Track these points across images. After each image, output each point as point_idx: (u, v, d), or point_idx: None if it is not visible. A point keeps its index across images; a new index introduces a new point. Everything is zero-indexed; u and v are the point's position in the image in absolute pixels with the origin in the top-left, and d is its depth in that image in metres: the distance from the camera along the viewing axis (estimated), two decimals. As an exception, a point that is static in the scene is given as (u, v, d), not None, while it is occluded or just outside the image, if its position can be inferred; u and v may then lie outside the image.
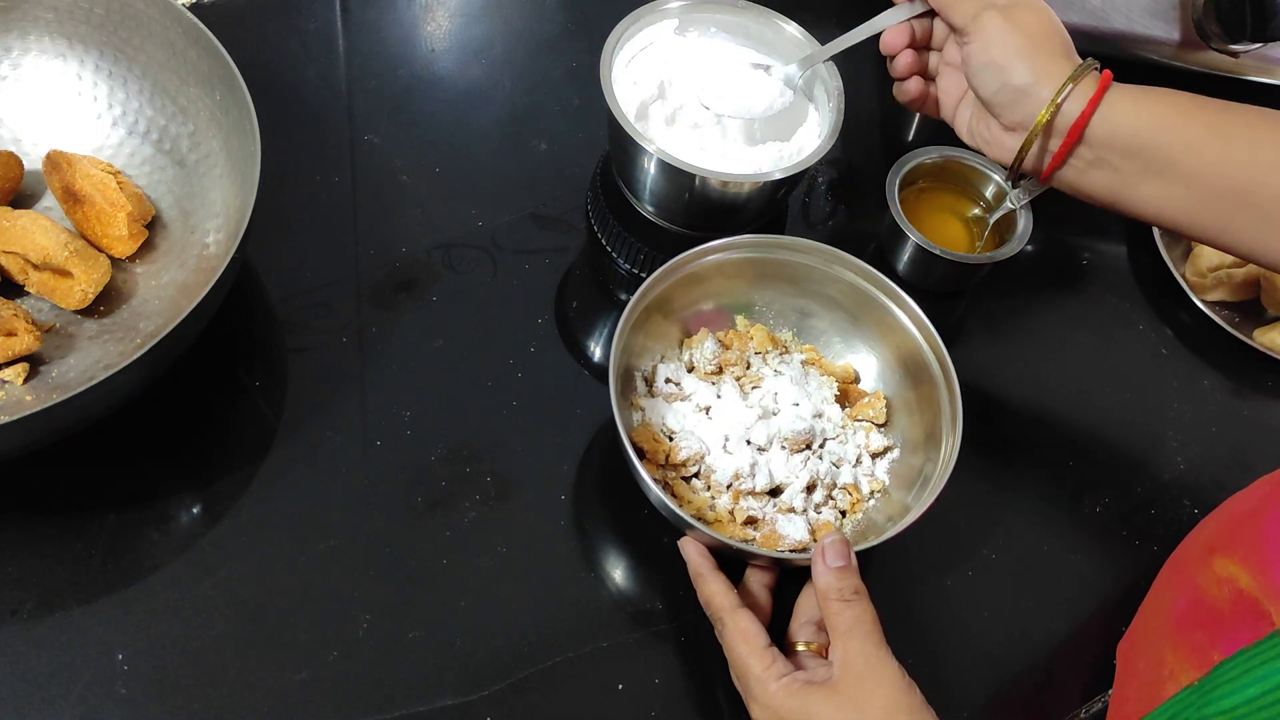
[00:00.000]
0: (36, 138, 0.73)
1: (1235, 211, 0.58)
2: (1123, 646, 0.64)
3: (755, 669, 0.56)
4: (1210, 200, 0.58)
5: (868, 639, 0.55)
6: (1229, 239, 0.60)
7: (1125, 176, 0.60)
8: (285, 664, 0.60)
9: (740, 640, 0.57)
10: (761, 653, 0.56)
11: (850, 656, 0.54)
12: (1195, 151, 0.58)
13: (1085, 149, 0.61)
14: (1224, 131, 0.58)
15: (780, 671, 0.55)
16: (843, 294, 0.71)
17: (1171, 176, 0.59)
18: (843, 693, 0.53)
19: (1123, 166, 0.60)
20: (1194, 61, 0.88)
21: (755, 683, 0.56)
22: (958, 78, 0.66)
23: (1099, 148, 0.60)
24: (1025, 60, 0.60)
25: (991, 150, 0.65)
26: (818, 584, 0.57)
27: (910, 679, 0.54)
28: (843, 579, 0.57)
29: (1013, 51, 0.61)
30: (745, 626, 0.57)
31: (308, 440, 0.67)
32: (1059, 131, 0.61)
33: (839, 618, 0.56)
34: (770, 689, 0.55)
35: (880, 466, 0.69)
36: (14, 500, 0.63)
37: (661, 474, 0.66)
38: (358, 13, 0.88)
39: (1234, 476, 0.77)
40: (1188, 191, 0.59)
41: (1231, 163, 0.57)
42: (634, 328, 0.66)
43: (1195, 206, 0.59)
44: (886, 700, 0.53)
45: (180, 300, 0.68)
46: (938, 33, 0.67)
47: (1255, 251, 0.59)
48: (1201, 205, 0.59)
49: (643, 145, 0.70)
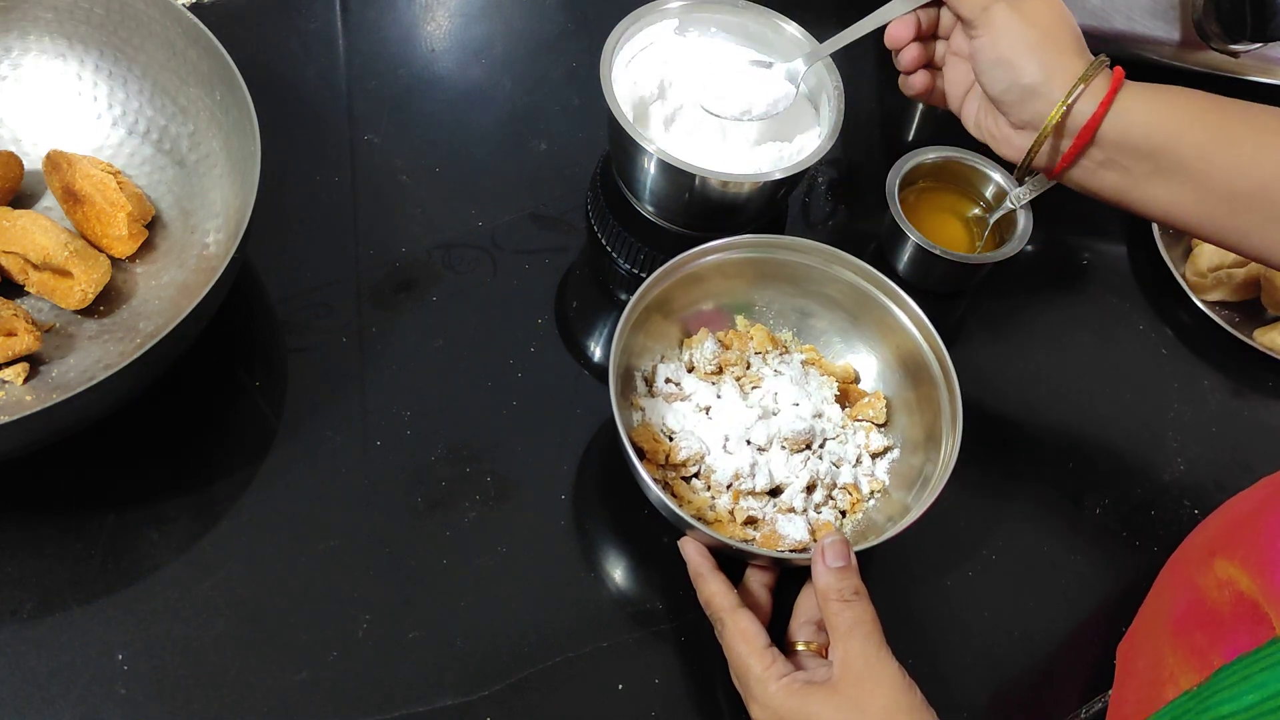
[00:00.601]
0: (36, 138, 0.73)
1: (1245, 213, 0.58)
2: (1123, 647, 0.64)
3: (755, 669, 0.56)
4: (1220, 202, 0.58)
5: (868, 639, 0.55)
6: (1238, 240, 0.60)
7: (1135, 177, 0.60)
8: (285, 664, 0.60)
9: (740, 640, 0.57)
10: (762, 653, 0.56)
11: (850, 657, 0.54)
12: (1206, 154, 0.57)
13: (1096, 149, 0.60)
14: (1235, 133, 0.57)
15: (780, 671, 0.55)
16: (843, 294, 0.71)
17: (1182, 178, 0.58)
18: (843, 693, 0.53)
19: (1133, 167, 0.60)
20: (1194, 61, 0.88)
21: (755, 683, 0.56)
22: (965, 69, 0.65)
23: (1110, 148, 0.60)
24: (1035, 57, 0.59)
25: (999, 147, 0.65)
26: (817, 584, 0.57)
27: (910, 679, 0.54)
28: (843, 579, 0.56)
29: (1023, 48, 0.59)
30: (745, 626, 0.57)
31: (308, 440, 0.67)
32: (1070, 132, 0.60)
33: (839, 618, 0.56)
34: (770, 689, 0.55)
35: (880, 466, 0.69)
36: (14, 500, 0.63)
37: (661, 474, 0.66)
38: (358, 13, 0.88)
39: (1234, 477, 0.77)
40: (1198, 193, 0.58)
41: (1241, 165, 0.57)
42: (634, 328, 0.66)
43: (1205, 208, 0.59)
44: (887, 700, 0.53)
45: (180, 300, 0.68)
46: (944, 21, 0.66)
47: (1265, 253, 0.59)
48: (1211, 207, 0.59)
49: (643, 145, 0.70)
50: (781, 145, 0.75)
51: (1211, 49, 0.86)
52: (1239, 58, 0.86)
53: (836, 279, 0.70)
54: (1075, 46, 0.60)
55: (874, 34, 0.68)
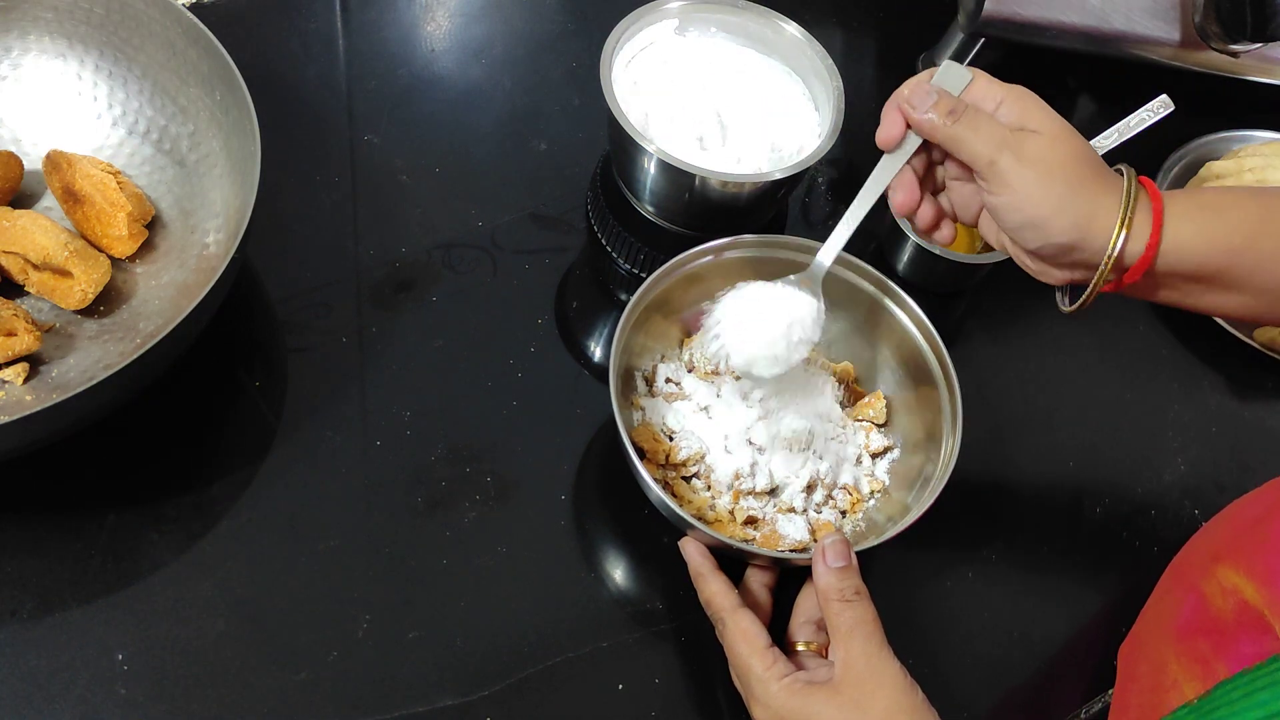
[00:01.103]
0: (36, 138, 0.73)
1: None
2: (1124, 649, 0.64)
3: (757, 669, 0.56)
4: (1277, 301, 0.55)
5: (869, 639, 0.55)
6: None
7: (1188, 293, 0.57)
8: (285, 664, 0.60)
9: (741, 640, 0.57)
10: (763, 653, 0.56)
11: (852, 657, 0.54)
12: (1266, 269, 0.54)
13: (1147, 278, 0.55)
14: None
15: (782, 671, 0.55)
16: (843, 294, 0.71)
17: (1239, 290, 0.55)
18: (845, 693, 0.53)
19: (1188, 288, 0.56)
20: (1194, 61, 0.88)
21: (757, 683, 0.56)
22: (973, 188, 0.58)
23: (1161, 278, 0.55)
24: (1065, 215, 0.53)
25: (1038, 277, 0.59)
26: (818, 584, 0.57)
27: (912, 679, 0.54)
28: (844, 579, 0.56)
29: (1048, 207, 0.53)
30: (746, 626, 0.57)
31: (308, 440, 0.67)
32: (1117, 269, 0.55)
33: (840, 618, 0.56)
34: (772, 689, 0.55)
35: (880, 466, 0.69)
36: (14, 500, 0.63)
37: (661, 474, 0.66)
38: (358, 13, 0.88)
39: (1234, 477, 0.77)
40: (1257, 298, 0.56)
41: None
42: (634, 327, 0.66)
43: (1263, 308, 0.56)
44: (889, 701, 0.53)
45: (180, 300, 0.68)
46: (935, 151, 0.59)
47: None
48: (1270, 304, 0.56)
49: (643, 145, 0.69)
50: (781, 145, 0.75)
51: (1211, 49, 0.86)
52: (1239, 58, 0.86)
53: (837, 279, 0.70)
54: (1100, 180, 0.54)
55: (874, 34, 0.68)
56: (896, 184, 0.58)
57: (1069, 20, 0.83)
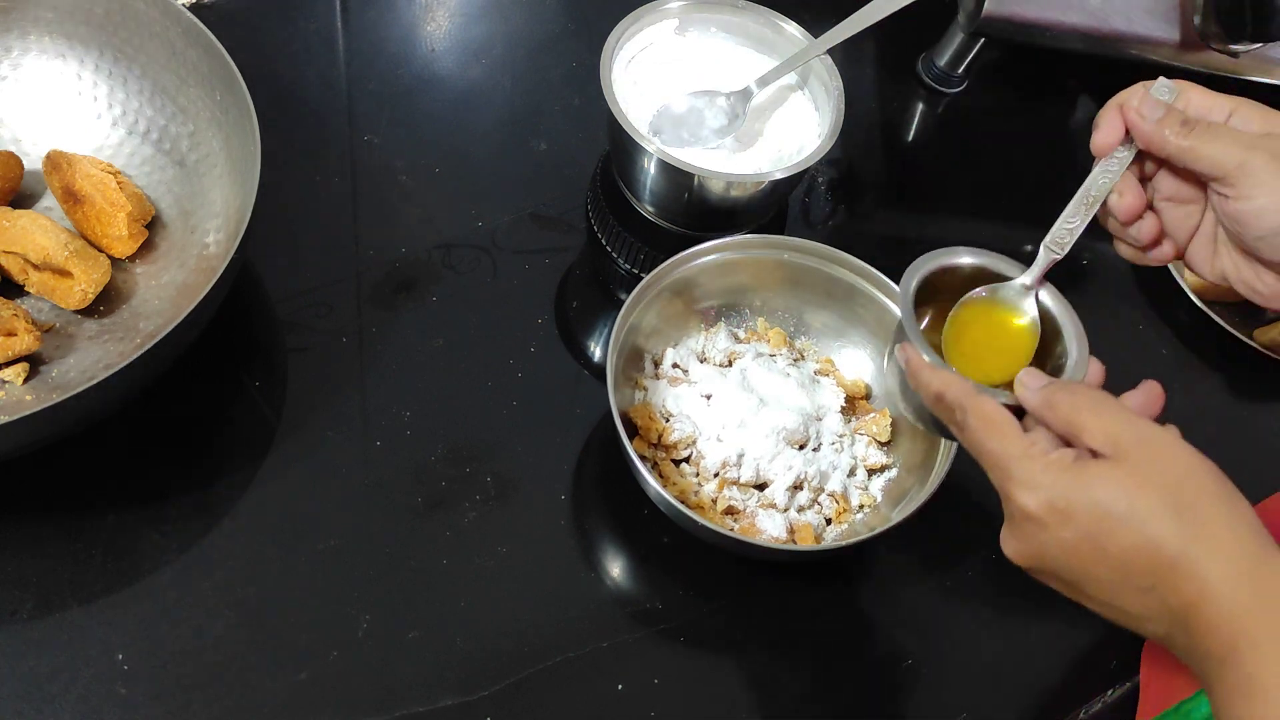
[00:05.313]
0: (36, 138, 0.73)
1: None
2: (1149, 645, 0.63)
3: (1014, 450, 0.47)
4: None
5: (1127, 412, 0.47)
6: None
7: None
8: (285, 664, 0.60)
9: (988, 427, 0.48)
10: (1018, 433, 0.48)
11: (1117, 429, 0.46)
12: None
13: None
14: None
15: (1046, 448, 0.47)
16: (843, 294, 0.71)
17: None
18: (1125, 464, 0.45)
19: None
20: (1194, 62, 0.88)
21: (1017, 464, 0.47)
22: (1186, 210, 0.55)
23: None
24: None
25: (1267, 304, 0.55)
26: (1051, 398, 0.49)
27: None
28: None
29: None
30: (990, 411, 0.48)
31: (308, 440, 0.67)
32: None
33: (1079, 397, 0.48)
34: (1037, 466, 0.46)
35: (876, 483, 0.69)
36: (14, 500, 0.63)
37: (652, 453, 0.66)
38: (358, 13, 0.88)
39: (1235, 478, 0.77)
40: None
41: None
42: (644, 309, 0.67)
43: None
44: (1183, 467, 0.45)
45: (180, 300, 0.68)
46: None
47: None
48: None
49: (643, 145, 0.70)
50: (781, 145, 0.75)
51: (1211, 49, 0.86)
52: (1239, 58, 0.86)
53: (836, 279, 0.70)
54: None
55: (874, 34, 0.68)
56: (1122, 187, 0.54)
57: (1069, 20, 0.83)
